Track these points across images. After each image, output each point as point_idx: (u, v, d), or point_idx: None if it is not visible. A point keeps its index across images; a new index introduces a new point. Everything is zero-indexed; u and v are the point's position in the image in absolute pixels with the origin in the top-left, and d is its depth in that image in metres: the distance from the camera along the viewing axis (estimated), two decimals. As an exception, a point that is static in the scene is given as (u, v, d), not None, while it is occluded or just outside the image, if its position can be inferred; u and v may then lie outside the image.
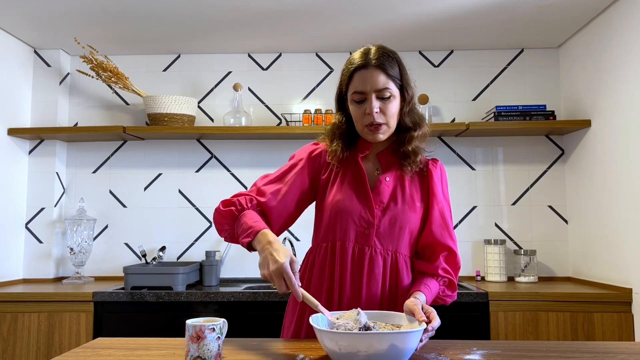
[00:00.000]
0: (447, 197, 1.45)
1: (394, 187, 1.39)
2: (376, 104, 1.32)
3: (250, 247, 1.29)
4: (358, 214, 1.35)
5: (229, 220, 1.36)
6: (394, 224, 1.35)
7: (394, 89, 1.34)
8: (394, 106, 1.35)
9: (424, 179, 1.42)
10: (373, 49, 1.36)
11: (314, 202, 1.48)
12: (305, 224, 1.56)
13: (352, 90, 1.36)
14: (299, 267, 1.33)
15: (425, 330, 1.14)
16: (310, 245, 1.48)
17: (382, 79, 1.32)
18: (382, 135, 1.36)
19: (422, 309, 1.19)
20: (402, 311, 1.26)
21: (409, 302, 1.22)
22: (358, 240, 1.35)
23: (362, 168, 1.40)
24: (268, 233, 1.25)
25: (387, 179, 1.39)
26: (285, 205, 1.40)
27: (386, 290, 1.35)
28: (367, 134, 1.36)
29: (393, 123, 1.37)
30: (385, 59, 1.34)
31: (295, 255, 2.81)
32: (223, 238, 1.41)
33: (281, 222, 1.42)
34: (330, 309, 1.31)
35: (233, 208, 1.36)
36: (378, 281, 1.34)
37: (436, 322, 1.17)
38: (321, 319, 1.17)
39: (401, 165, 1.41)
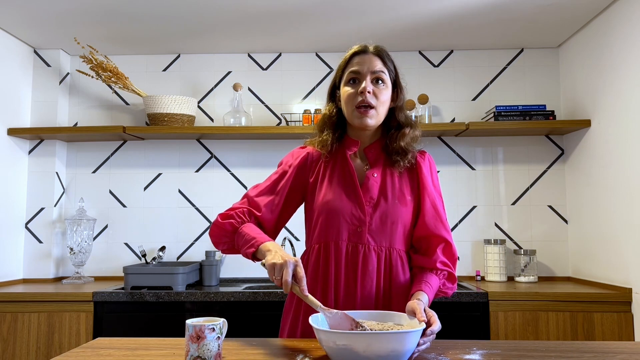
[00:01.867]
0: (438, 188, 1.44)
1: (382, 183, 1.39)
2: (370, 85, 1.35)
3: (253, 258, 1.32)
4: (349, 213, 1.35)
5: (228, 233, 1.38)
6: (386, 220, 1.35)
7: (387, 78, 1.38)
8: (386, 93, 1.38)
9: (413, 172, 1.42)
10: (371, 44, 1.43)
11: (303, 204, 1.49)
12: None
13: (349, 70, 1.39)
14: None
15: (424, 334, 1.14)
16: (305, 249, 1.49)
17: (378, 64, 1.38)
18: (371, 121, 1.36)
19: (425, 310, 1.20)
20: (399, 309, 1.26)
21: (412, 303, 1.22)
22: (351, 238, 1.35)
23: (351, 165, 1.40)
24: (274, 243, 1.29)
25: (375, 174, 1.39)
26: (280, 216, 1.44)
27: (380, 288, 1.34)
28: (356, 117, 1.36)
29: (383, 110, 1.38)
30: (383, 52, 1.41)
31: (295, 255, 2.81)
32: (220, 250, 1.43)
33: (277, 232, 1.47)
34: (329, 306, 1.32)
35: (233, 221, 1.38)
36: (372, 279, 1.34)
37: (436, 326, 1.16)
38: (321, 319, 1.17)
39: (390, 161, 1.41)
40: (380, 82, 1.36)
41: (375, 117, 1.37)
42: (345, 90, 1.38)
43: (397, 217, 1.35)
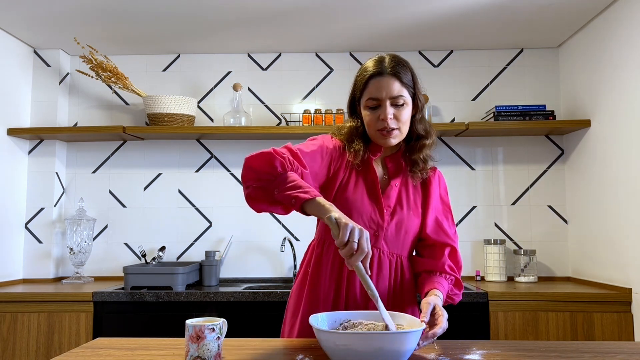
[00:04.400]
0: (447, 201, 1.49)
1: (399, 192, 1.42)
2: (390, 111, 1.34)
3: (301, 207, 1.17)
4: (368, 216, 1.37)
5: (274, 171, 1.20)
6: (400, 228, 1.39)
7: (407, 97, 1.37)
8: (407, 113, 1.38)
9: (425, 187, 1.46)
10: (387, 58, 1.38)
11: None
12: (305, 225, 1.56)
13: (367, 96, 1.37)
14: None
15: (424, 334, 1.14)
16: (314, 237, 1.48)
17: (396, 87, 1.35)
18: (394, 140, 1.38)
19: (435, 309, 1.20)
20: (412, 305, 1.29)
21: (425, 300, 1.24)
22: None
23: (374, 171, 1.42)
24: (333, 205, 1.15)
25: (396, 184, 1.42)
26: (316, 184, 1.35)
27: (392, 288, 1.38)
28: (379, 138, 1.38)
29: (405, 129, 1.39)
30: (400, 67, 1.37)
31: (295, 255, 2.81)
32: (245, 187, 1.24)
33: None
34: (338, 305, 1.35)
35: (285, 162, 1.21)
36: (386, 279, 1.37)
37: (439, 328, 1.16)
38: (320, 319, 1.17)
39: (409, 171, 1.44)
40: (399, 103, 1.36)
41: (399, 136, 1.38)
42: (366, 114, 1.39)
43: (410, 227, 1.40)
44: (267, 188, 1.21)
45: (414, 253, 1.48)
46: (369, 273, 1.08)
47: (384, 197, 1.39)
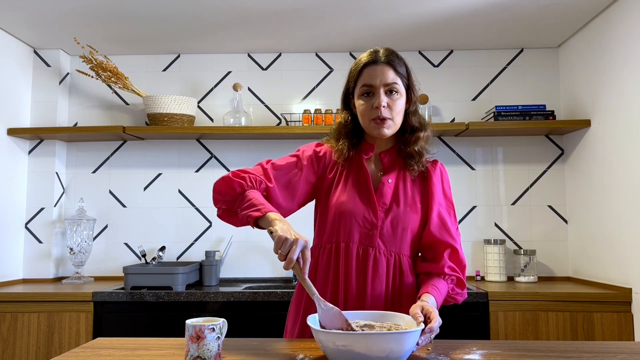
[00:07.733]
0: (449, 196, 1.45)
1: (395, 189, 1.40)
2: (384, 99, 1.35)
3: (255, 224, 1.26)
4: (362, 216, 1.36)
5: (235, 193, 1.32)
6: (397, 226, 1.37)
7: (401, 87, 1.37)
8: (401, 103, 1.38)
9: (425, 181, 1.44)
10: (382, 49, 1.40)
11: (313, 201, 1.48)
12: (303, 223, 1.56)
13: (361, 84, 1.38)
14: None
15: (423, 332, 1.14)
16: (312, 244, 1.48)
17: (391, 74, 1.36)
18: (388, 130, 1.37)
19: (423, 309, 1.19)
20: (408, 311, 1.26)
21: (413, 306, 1.21)
22: (362, 241, 1.36)
23: (366, 170, 1.41)
24: (282, 217, 1.24)
25: (390, 180, 1.40)
26: (289, 196, 1.40)
27: (389, 289, 1.36)
28: (373, 128, 1.37)
29: (399, 120, 1.39)
30: (394, 57, 1.39)
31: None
32: (217, 208, 1.38)
33: (281, 212, 1.38)
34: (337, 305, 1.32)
35: (243, 182, 1.32)
36: (382, 281, 1.35)
37: (435, 323, 1.16)
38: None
39: (405, 166, 1.42)
40: (393, 92, 1.36)
41: (392, 127, 1.38)
42: (360, 104, 1.39)
43: (407, 224, 1.37)
44: (231, 208, 1.34)
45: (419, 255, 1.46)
46: (305, 277, 1.15)
47: (378, 195, 1.38)
